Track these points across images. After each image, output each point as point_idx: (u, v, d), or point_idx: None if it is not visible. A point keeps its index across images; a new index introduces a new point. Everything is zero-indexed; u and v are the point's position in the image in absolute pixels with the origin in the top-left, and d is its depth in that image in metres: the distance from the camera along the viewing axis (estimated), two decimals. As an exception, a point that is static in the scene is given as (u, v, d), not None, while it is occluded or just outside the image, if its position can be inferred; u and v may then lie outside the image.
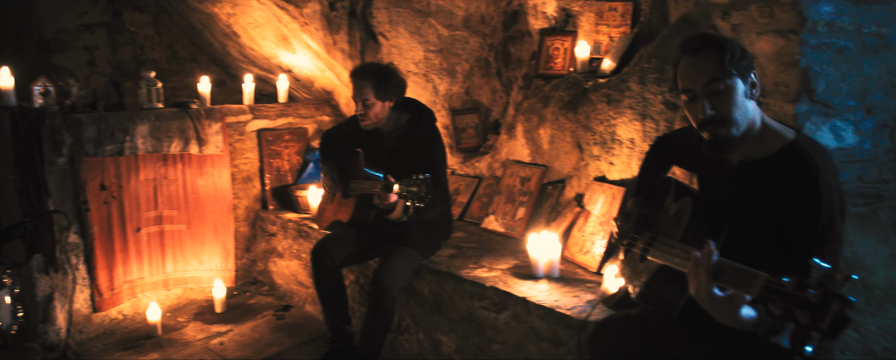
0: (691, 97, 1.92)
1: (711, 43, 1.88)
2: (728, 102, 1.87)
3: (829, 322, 1.32)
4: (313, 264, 3.43)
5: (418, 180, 2.94)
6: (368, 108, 3.35)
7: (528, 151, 4.04)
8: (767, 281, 1.47)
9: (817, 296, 1.35)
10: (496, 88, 4.68)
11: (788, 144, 1.90)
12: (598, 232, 3.31)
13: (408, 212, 3.19)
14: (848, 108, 2.74)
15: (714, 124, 1.90)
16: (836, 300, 1.32)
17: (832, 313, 1.32)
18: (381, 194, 3.10)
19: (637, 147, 3.27)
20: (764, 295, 1.47)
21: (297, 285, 4.49)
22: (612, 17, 3.91)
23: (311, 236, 4.26)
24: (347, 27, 4.43)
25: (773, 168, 1.89)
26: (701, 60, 1.88)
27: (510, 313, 3.02)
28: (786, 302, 1.40)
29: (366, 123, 3.39)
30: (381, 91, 3.33)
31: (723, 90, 1.86)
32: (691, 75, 1.90)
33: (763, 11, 2.80)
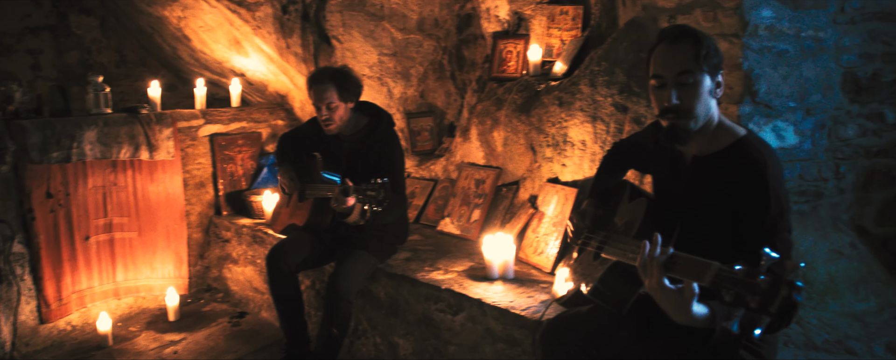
0: (661, 84, 1.97)
1: (691, 35, 1.93)
2: (693, 96, 1.93)
3: (777, 306, 1.38)
4: (269, 269, 3.40)
5: (377, 184, 2.94)
6: (333, 111, 3.33)
7: (482, 154, 4.07)
8: (719, 269, 1.53)
9: (767, 282, 1.41)
10: (451, 91, 4.71)
11: (737, 139, 1.97)
12: (552, 233, 3.35)
13: (365, 215, 3.19)
14: (788, 109, 2.84)
15: (676, 114, 1.95)
16: (785, 285, 1.38)
17: (781, 297, 1.37)
18: (338, 198, 3.10)
19: (588, 149, 3.32)
20: (716, 283, 1.52)
21: (253, 292, 4.44)
22: (563, 21, 3.96)
23: (267, 242, 4.22)
24: (300, 31, 4.40)
25: (722, 162, 1.96)
26: (677, 49, 1.94)
27: (466, 314, 3.04)
28: (737, 289, 1.45)
29: (331, 127, 3.37)
30: (344, 92, 3.33)
31: (691, 83, 1.92)
32: (665, 63, 1.95)
33: (707, 16, 2.87)
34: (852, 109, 2.93)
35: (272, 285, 3.41)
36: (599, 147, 3.28)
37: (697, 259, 1.63)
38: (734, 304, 1.46)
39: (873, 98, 2.95)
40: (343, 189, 3.08)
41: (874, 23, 2.88)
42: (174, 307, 4.24)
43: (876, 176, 3.01)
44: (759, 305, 1.41)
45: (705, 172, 2.01)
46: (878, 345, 2.44)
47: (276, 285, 3.40)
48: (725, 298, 1.48)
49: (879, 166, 3.01)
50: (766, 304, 1.39)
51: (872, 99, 2.94)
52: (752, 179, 1.89)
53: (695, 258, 1.64)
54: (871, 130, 2.97)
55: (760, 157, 1.91)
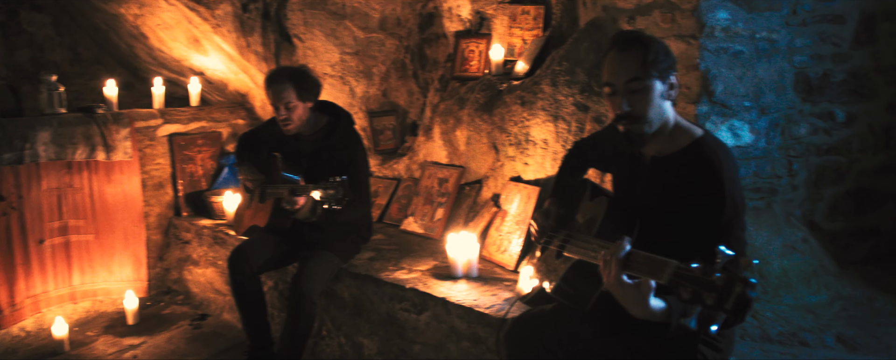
0: (612, 91, 2.01)
1: (638, 42, 1.96)
2: (644, 101, 1.97)
3: (732, 303, 1.41)
4: (230, 271, 3.36)
5: (335, 183, 2.93)
6: (292, 110, 3.30)
7: (445, 153, 4.08)
8: (677, 268, 1.57)
9: (722, 279, 1.45)
10: (413, 90, 4.71)
11: (694, 140, 2.01)
12: (515, 231, 3.38)
13: (316, 212, 3.18)
14: (744, 108, 2.91)
15: (629, 120, 1.99)
16: (739, 282, 1.42)
17: (735, 294, 1.41)
18: (288, 199, 3.10)
19: (550, 147, 3.36)
20: (674, 281, 1.56)
21: (215, 293, 4.39)
22: (524, 21, 4.00)
23: (228, 243, 4.17)
24: (261, 29, 4.36)
25: (680, 162, 2.00)
26: (626, 57, 1.97)
27: (430, 313, 3.05)
28: (694, 286, 1.49)
29: (290, 127, 3.34)
30: (303, 92, 3.30)
31: (641, 90, 1.96)
32: (615, 71, 1.98)
33: (666, 17, 2.93)
34: (804, 108, 3.02)
35: (234, 286, 3.37)
36: (561, 146, 3.32)
37: (656, 258, 1.67)
38: (692, 301, 1.50)
39: (824, 97, 3.04)
40: (292, 189, 3.08)
41: (824, 25, 2.98)
42: (133, 310, 4.16)
43: (826, 173, 3.11)
44: (715, 302, 1.45)
45: (663, 172, 2.06)
46: (830, 336, 2.52)
47: (238, 286, 3.36)
48: (683, 295, 1.52)
49: (830, 164, 3.11)
50: (721, 301, 1.43)
51: (823, 98, 3.04)
52: (708, 179, 1.93)
53: (653, 257, 1.68)
54: (822, 128, 3.07)
55: (716, 158, 1.95)
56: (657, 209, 2.05)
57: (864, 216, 3.23)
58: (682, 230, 1.95)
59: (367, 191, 3.53)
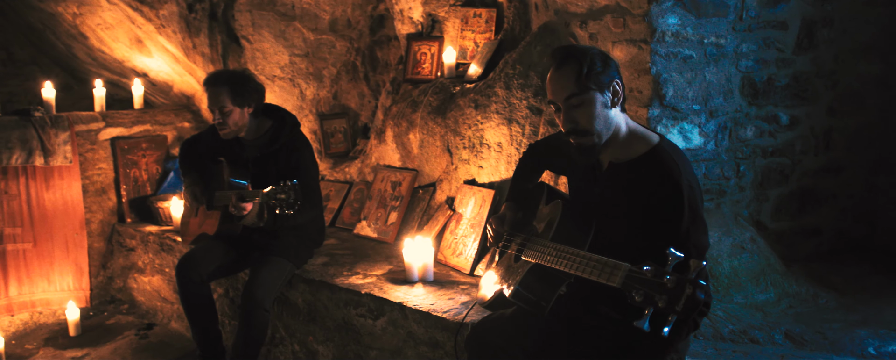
0: (556, 109, 2.02)
1: (571, 57, 1.97)
2: (587, 115, 1.98)
3: (682, 304, 1.43)
4: (179, 279, 3.27)
5: (286, 187, 2.87)
6: (227, 116, 3.22)
7: (398, 156, 4.06)
8: (629, 270, 1.58)
9: (673, 281, 1.47)
10: (364, 93, 4.67)
11: (652, 148, 2.03)
12: (470, 234, 3.38)
13: (263, 217, 3.12)
14: (693, 111, 2.97)
15: (576, 134, 2.00)
16: (689, 283, 1.44)
17: (686, 295, 1.43)
18: (235, 204, 3.03)
19: (505, 151, 3.37)
20: (626, 284, 1.58)
21: (162, 302, 4.26)
22: (476, 24, 4.00)
23: (176, 250, 4.05)
24: (208, 30, 4.25)
25: (638, 170, 2.02)
26: (562, 74, 1.98)
27: (387, 319, 3.02)
28: (646, 289, 1.50)
29: (225, 131, 3.26)
30: (239, 97, 3.22)
31: (580, 105, 1.97)
32: (554, 89, 2.00)
33: (617, 22, 2.97)
34: (750, 111, 3.10)
35: (183, 295, 3.28)
36: (515, 149, 3.33)
37: (608, 260, 1.69)
38: (644, 303, 1.52)
39: (768, 101, 3.13)
40: (240, 195, 3.02)
41: (768, 31, 3.06)
42: (75, 321, 4.01)
43: (772, 174, 3.20)
44: (666, 304, 1.46)
45: (620, 179, 2.07)
46: (778, 333, 2.59)
47: (187, 295, 3.27)
48: (636, 298, 1.53)
49: (774, 165, 3.21)
50: (672, 302, 1.45)
51: (768, 102, 3.13)
52: (667, 187, 1.95)
53: (605, 259, 1.70)
54: (767, 131, 3.16)
55: (675, 165, 1.97)
56: (614, 214, 2.07)
57: (807, 216, 3.34)
58: (639, 235, 1.97)
59: (317, 194, 3.48)
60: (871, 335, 2.56)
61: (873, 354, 2.44)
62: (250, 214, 3.10)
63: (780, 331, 2.61)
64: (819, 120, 3.27)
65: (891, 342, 2.49)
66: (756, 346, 2.53)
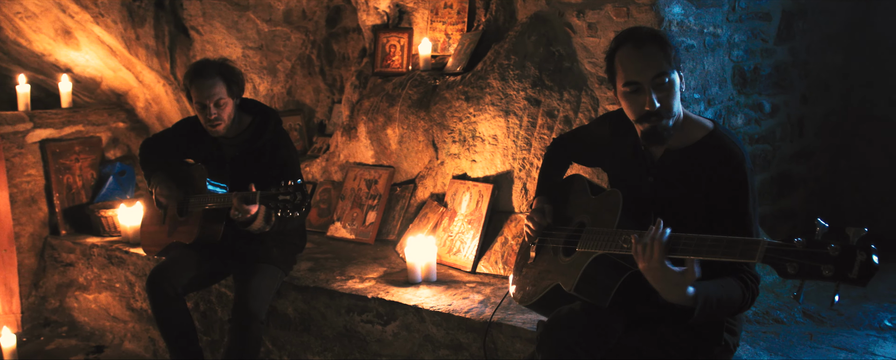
0: (635, 90, 1.96)
1: (657, 37, 1.95)
2: (671, 96, 1.96)
3: (857, 270, 1.43)
4: (152, 294, 2.95)
5: (291, 188, 2.65)
6: (222, 108, 2.94)
7: (372, 153, 3.88)
8: (769, 245, 1.57)
9: (837, 249, 1.46)
10: (320, 88, 4.44)
11: (709, 133, 2.03)
12: (468, 231, 3.28)
13: (270, 221, 2.88)
14: (694, 100, 3.03)
15: (657, 117, 1.96)
16: (860, 250, 1.43)
17: (859, 262, 1.43)
18: (239, 207, 2.75)
19: (501, 143, 3.29)
20: (770, 258, 1.56)
21: (111, 321, 3.84)
22: (447, 15, 3.90)
23: (128, 262, 3.67)
24: (154, 20, 3.88)
25: (698, 155, 2.01)
26: (648, 52, 1.93)
27: (400, 323, 2.86)
28: (802, 260, 1.50)
29: (220, 126, 2.97)
30: (233, 86, 2.96)
31: (667, 84, 1.94)
32: (639, 68, 1.94)
33: (620, 11, 2.97)
34: (740, 99, 3.20)
35: (158, 311, 2.96)
36: (512, 142, 3.26)
37: (735, 238, 1.66)
38: (799, 275, 1.51)
39: (755, 90, 3.24)
40: (244, 196, 2.75)
41: (755, 21, 3.17)
42: (11, 348, 3.52)
43: (757, 160, 3.32)
44: (834, 272, 1.46)
45: (678, 165, 2.06)
46: (797, 313, 2.68)
47: (162, 311, 2.96)
48: (788, 270, 1.53)
49: (759, 152, 3.33)
50: (844, 270, 1.45)
51: (754, 90, 3.24)
52: (732, 170, 1.96)
53: (730, 238, 1.67)
54: (754, 118, 3.27)
55: (736, 149, 1.99)
56: (672, 202, 2.05)
57: (784, 200, 3.49)
58: (697, 221, 1.96)
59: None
60: (878, 308, 2.70)
61: (889, 325, 2.57)
62: (258, 218, 2.83)
63: (799, 310, 2.70)
64: (794, 108, 3.43)
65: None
66: (782, 325, 2.61)
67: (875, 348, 2.41)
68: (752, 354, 2.38)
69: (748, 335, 2.50)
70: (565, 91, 3.18)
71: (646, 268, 1.79)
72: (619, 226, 2.05)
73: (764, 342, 2.46)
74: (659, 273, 1.76)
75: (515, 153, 3.26)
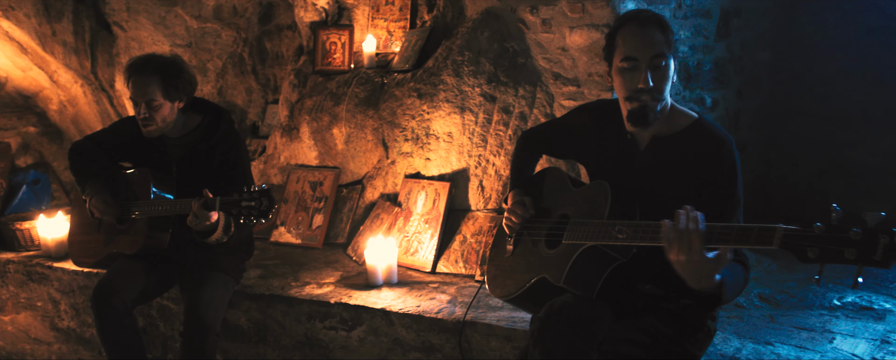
0: (632, 66, 1.97)
1: (660, 21, 1.97)
2: (665, 78, 1.99)
3: (881, 253, 1.47)
4: (97, 310, 2.70)
5: (256, 193, 2.50)
6: (155, 110, 2.74)
7: (316, 153, 3.74)
8: (786, 230, 1.59)
9: (859, 234, 1.50)
10: (253, 88, 4.25)
11: (695, 121, 2.07)
12: (426, 231, 3.21)
13: (229, 232, 2.71)
14: (659, 94, 3.09)
15: (649, 95, 1.98)
16: (883, 234, 1.48)
17: (882, 245, 1.47)
18: (199, 213, 2.57)
19: (456, 140, 3.25)
20: (789, 243, 1.58)
21: (32, 343, 3.50)
22: (389, 11, 3.82)
23: (51, 278, 3.36)
24: (73, 15, 3.59)
25: (685, 143, 2.04)
26: (650, 32, 1.95)
27: (366, 328, 2.76)
28: (823, 245, 1.53)
29: (151, 128, 2.77)
30: (171, 89, 2.76)
31: (664, 66, 1.96)
32: (639, 45, 1.95)
33: (574, 7, 2.99)
34: (685, 94, 3.30)
35: (104, 329, 2.72)
36: (468, 139, 3.22)
37: (751, 225, 1.68)
38: (819, 259, 1.55)
39: (698, 85, 3.36)
40: (204, 202, 2.57)
41: (698, 19, 3.29)
42: (-85, 380, 3.16)
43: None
44: (857, 256, 1.50)
45: (666, 152, 2.08)
46: (754, 297, 2.79)
47: (109, 328, 2.72)
48: (809, 255, 1.55)
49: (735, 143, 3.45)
50: (868, 253, 1.49)
51: (697, 85, 3.36)
52: (720, 156, 2.01)
53: (747, 225, 1.69)
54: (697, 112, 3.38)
55: (722, 135, 2.04)
56: (657, 189, 2.07)
57: (723, 191, 3.64)
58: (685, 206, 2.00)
59: None
60: (826, 289, 2.85)
61: (838, 305, 2.71)
62: (218, 228, 2.64)
63: (754, 294, 2.81)
64: (731, 102, 3.58)
65: (846, 294, 2.79)
66: (743, 310, 2.70)
67: (831, 326, 2.53)
68: (723, 339, 2.44)
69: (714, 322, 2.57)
70: (520, 87, 3.18)
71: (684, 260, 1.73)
72: (610, 216, 2.05)
73: (731, 327, 2.54)
74: (698, 264, 1.72)
75: (471, 150, 3.23)
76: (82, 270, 3.20)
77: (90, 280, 3.20)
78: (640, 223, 1.92)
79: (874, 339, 2.42)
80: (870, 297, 2.77)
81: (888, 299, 2.76)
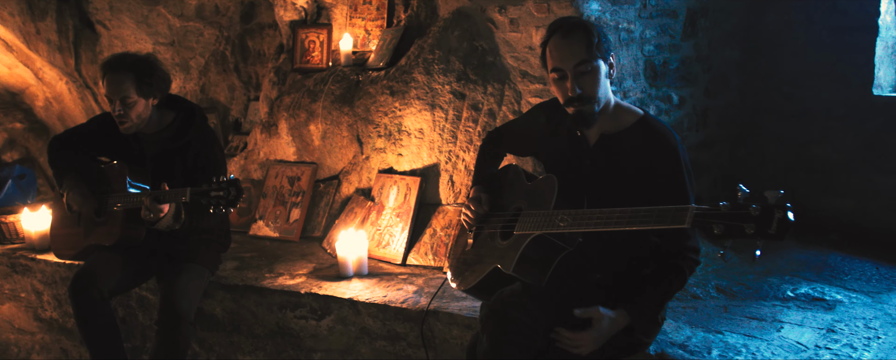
0: (561, 76, 2.08)
1: (581, 27, 2.05)
2: (593, 83, 2.08)
3: (776, 227, 1.60)
4: (75, 300, 2.80)
5: (223, 183, 2.60)
6: (129, 107, 2.83)
7: (294, 149, 3.83)
8: (697, 210, 1.73)
9: (759, 210, 1.62)
10: (235, 85, 4.34)
11: (641, 118, 2.17)
12: (397, 224, 3.30)
13: (180, 219, 2.80)
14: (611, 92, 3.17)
15: (580, 102, 2.08)
16: (777, 208, 1.60)
17: (776, 219, 1.60)
18: (151, 207, 2.67)
19: (427, 136, 3.34)
20: (699, 222, 1.71)
21: (16, 333, 3.60)
22: (366, 10, 3.91)
23: (34, 270, 3.45)
24: (56, 13, 3.68)
25: (632, 139, 2.14)
26: (572, 41, 2.04)
27: (335, 317, 2.86)
28: (727, 221, 1.65)
29: (126, 125, 2.87)
30: (145, 86, 2.85)
31: (590, 71, 2.06)
32: (562, 56, 2.05)
33: (541, 7, 3.08)
34: (652, 92, 3.38)
35: (82, 318, 2.82)
36: (438, 135, 3.31)
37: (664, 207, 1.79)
38: (725, 235, 1.67)
39: (664, 83, 3.44)
40: (155, 196, 2.68)
41: (664, 18, 3.37)
42: None
43: (667, 149, 3.52)
44: (755, 230, 1.62)
45: (613, 149, 2.18)
46: (711, 288, 2.88)
47: (87, 318, 2.82)
48: (715, 231, 1.68)
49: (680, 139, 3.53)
50: (764, 227, 1.61)
51: (664, 83, 3.44)
52: (666, 153, 2.10)
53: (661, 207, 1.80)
54: (664, 110, 3.47)
55: (668, 132, 2.14)
56: (607, 184, 2.17)
57: (692, 186, 3.72)
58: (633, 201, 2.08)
59: None
60: (781, 281, 2.94)
61: (791, 296, 2.80)
62: (167, 216, 2.74)
63: (712, 286, 2.90)
64: (699, 100, 3.66)
65: (800, 285, 2.88)
66: (699, 301, 2.79)
67: (781, 315, 2.62)
68: (675, 328, 2.53)
69: (669, 311, 2.66)
70: (489, 85, 3.26)
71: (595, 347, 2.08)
72: (556, 207, 2.14)
73: (685, 317, 2.63)
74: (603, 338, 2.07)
75: (441, 146, 3.32)
76: (64, 262, 3.29)
77: (71, 272, 3.30)
78: (581, 211, 2.03)
79: (820, 328, 2.51)
80: (822, 288, 2.86)
81: (840, 290, 2.85)
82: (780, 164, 3.84)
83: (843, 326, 2.52)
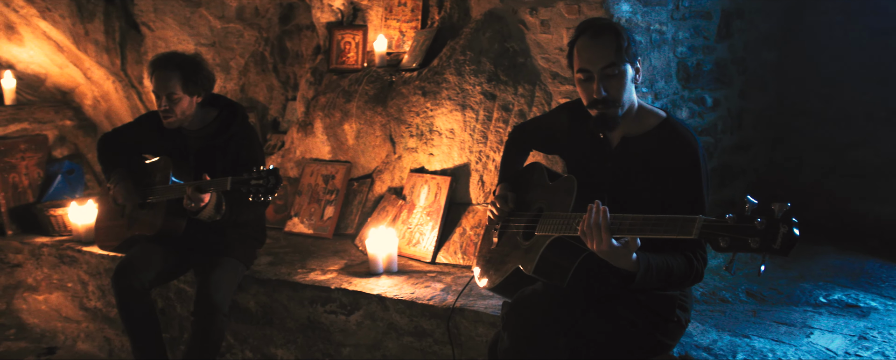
0: (587, 77, 2.08)
1: (611, 29, 2.06)
2: (619, 86, 2.08)
3: (780, 242, 1.55)
4: (117, 290, 2.92)
5: (264, 172, 2.70)
6: (175, 103, 2.95)
7: (329, 148, 3.91)
8: (705, 220, 1.70)
9: (764, 223, 1.58)
10: (274, 85, 4.45)
11: (663, 121, 2.17)
12: (427, 223, 3.35)
13: (220, 210, 2.89)
14: (642, 94, 3.17)
15: (604, 104, 2.08)
16: (783, 223, 1.56)
17: (781, 234, 1.55)
18: (193, 196, 2.77)
19: (458, 137, 3.38)
20: (705, 233, 1.67)
21: (63, 321, 3.75)
22: (401, 12, 3.97)
23: (81, 261, 3.60)
24: (104, 15, 3.82)
25: (653, 142, 2.14)
26: (600, 44, 2.05)
27: (363, 312, 2.91)
28: (733, 234, 1.62)
29: (171, 120, 2.98)
30: (190, 84, 2.97)
31: (617, 75, 2.06)
32: (590, 57, 2.06)
33: (571, 9, 3.09)
34: (684, 93, 3.36)
35: (123, 307, 2.94)
36: (469, 135, 3.35)
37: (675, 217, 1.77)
38: (730, 248, 1.63)
39: (697, 85, 3.41)
40: (197, 185, 2.78)
41: (698, 20, 3.34)
42: (-44, 352, 3.43)
43: (701, 152, 3.50)
44: (760, 244, 1.58)
45: (635, 151, 2.18)
46: (741, 292, 2.85)
47: (128, 307, 2.94)
48: (721, 244, 1.64)
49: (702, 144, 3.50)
50: (768, 242, 1.56)
51: (697, 85, 3.41)
52: (686, 156, 2.10)
53: (671, 216, 1.79)
54: (697, 112, 3.44)
55: (689, 136, 2.13)
56: (628, 186, 2.17)
57: (725, 189, 3.68)
58: (653, 204, 2.08)
59: None
60: (814, 287, 2.89)
61: (824, 302, 2.75)
62: (208, 206, 2.84)
63: (742, 290, 2.87)
64: (733, 102, 3.62)
65: (833, 291, 2.82)
66: (728, 304, 2.76)
67: (812, 321, 2.58)
68: (701, 331, 2.51)
69: (697, 314, 2.64)
70: (520, 86, 3.29)
71: (595, 248, 1.92)
72: (574, 210, 2.15)
73: (712, 320, 2.61)
74: (608, 251, 1.90)
75: (472, 146, 3.35)
76: (108, 254, 3.42)
77: (114, 263, 3.40)
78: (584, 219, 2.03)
79: (852, 335, 2.46)
80: (857, 295, 2.80)
81: (875, 297, 2.79)
82: (819, 168, 3.78)
83: (875, 333, 2.47)
